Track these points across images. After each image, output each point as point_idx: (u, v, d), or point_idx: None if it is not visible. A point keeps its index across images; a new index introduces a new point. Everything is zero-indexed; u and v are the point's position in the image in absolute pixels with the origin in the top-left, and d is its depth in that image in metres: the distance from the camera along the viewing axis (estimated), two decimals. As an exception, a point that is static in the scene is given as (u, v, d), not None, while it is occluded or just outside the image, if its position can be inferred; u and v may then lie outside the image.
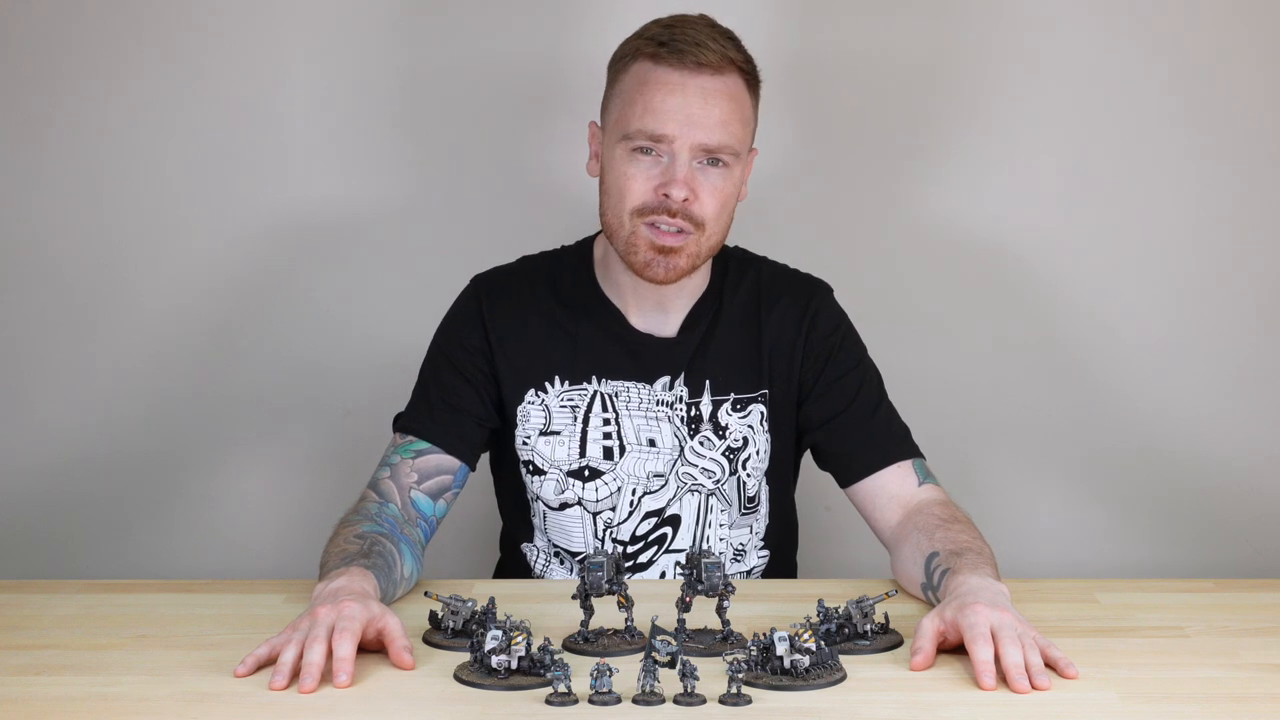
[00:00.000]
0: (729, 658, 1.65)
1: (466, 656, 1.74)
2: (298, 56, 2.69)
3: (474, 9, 2.68)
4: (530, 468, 2.18)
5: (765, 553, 2.24)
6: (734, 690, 1.64)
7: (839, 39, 2.68)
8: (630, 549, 2.18)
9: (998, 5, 2.68)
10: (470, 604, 1.84)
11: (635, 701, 1.64)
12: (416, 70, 2.69)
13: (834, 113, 2.71)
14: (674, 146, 2.04)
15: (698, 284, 2.19)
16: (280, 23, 2.68)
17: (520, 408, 2.17)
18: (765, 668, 1.70)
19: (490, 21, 2.68)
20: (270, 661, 1.73)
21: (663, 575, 2.18)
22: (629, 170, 2.07)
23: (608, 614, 1.84)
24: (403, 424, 2.17)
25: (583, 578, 1.79)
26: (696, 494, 2.18)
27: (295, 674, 1.70)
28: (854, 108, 2.71)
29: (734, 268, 2.22)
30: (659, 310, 2.17)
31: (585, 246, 2.24)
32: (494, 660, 1.69)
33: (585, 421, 2.16)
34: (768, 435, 2.19)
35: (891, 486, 2.14)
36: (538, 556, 2.22)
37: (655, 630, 1.64)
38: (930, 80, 2.69)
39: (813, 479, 2.31)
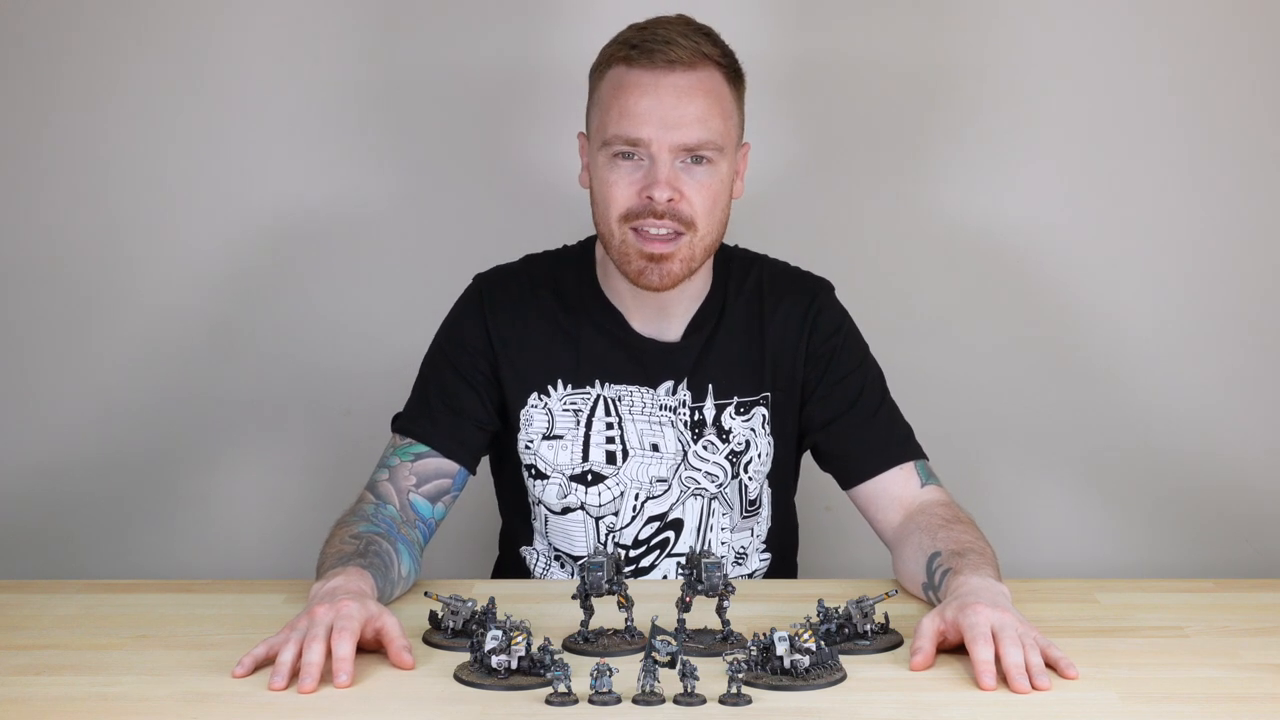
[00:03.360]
0: (729, 658, 1.65)
1: (466, 656, 1.74)
2: (297, 57, 2.69)
3: (474, 8, 2.68)
4: (532, 471, 2.18)
5: (767, 555, 2.24)
6: (734, 690, 1.64)
7: (839, 40, 2.69)
8: (632, 553, 2.17)
9: (999, 6, 2.68)
10: (470, 604, 1.84)
11: (635, 701, 1.64)
12: (416, 70, 2.69)
13: (834, 114, 2.71)
14: (652, 149, 2.03)
15: (700, 287, 2.18)
16: (280, 23, 2.69)
17: (523, 411, 2.17)
18: (765, 668, 1.69)
19: (491, 21, 2.68)
20: (268, 662, 1.73)
21: (665, 578, 2.18)
22: (611, 177, 2.06)
23: (608, 614, 1.84)
24: (401, 425, 2.16)
25: (583, 578, 1.79)
26: (699, 498, 2.18)
27: (294, 674, 1.70)
28: (855, 109, 2.71)
29: (736, 268, 2.22)
30: (660, 315, 2.17)
31: (588, 246, 2.23)
32: (494, 660, 1.69)
33: (588, 426, 2.16)
34: (770, 438, 2.19)
35: (894, 489, 2.14)
36: (537, 560, 2.22)
37: (655, 630, 1.64)
38: (929, 81, 2.69)
39: (813, 480, 2.31)
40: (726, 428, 2.17)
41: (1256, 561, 2.75)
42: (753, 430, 2.18)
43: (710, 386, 2.17)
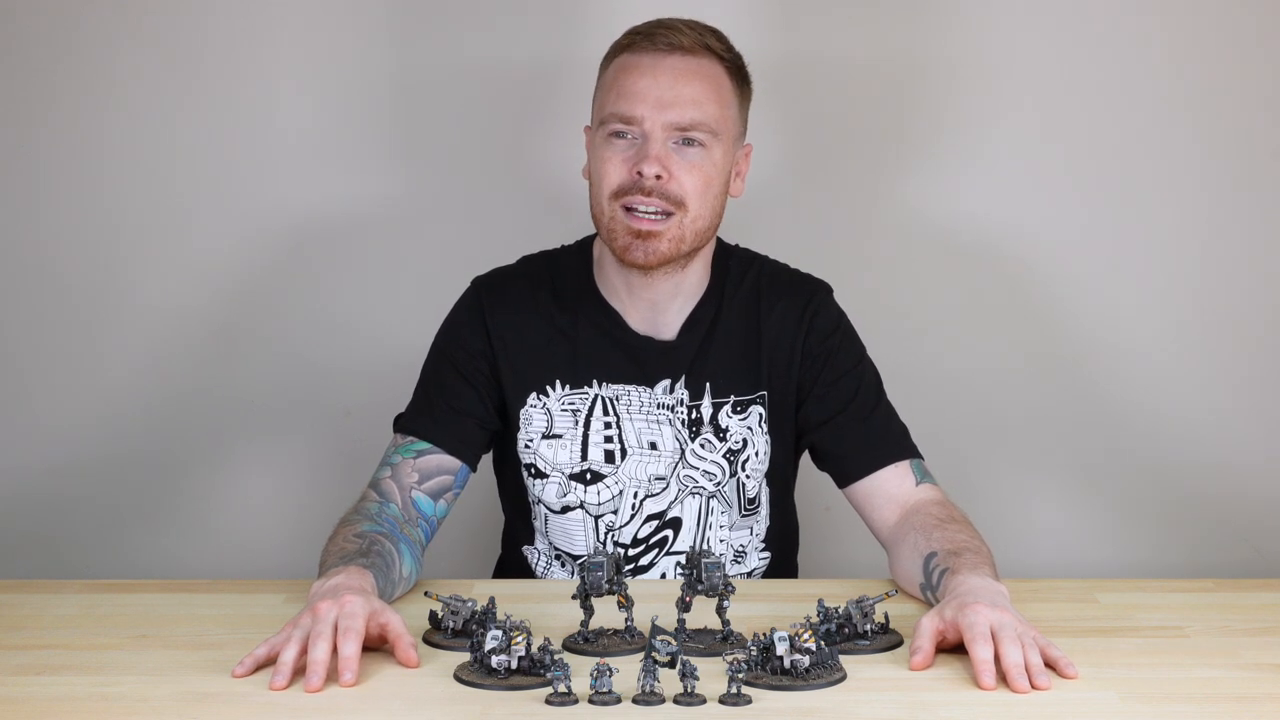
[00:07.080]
0: (729, 658, 1.65)
1: (466, 656, 1.74)
2: (299, 57, 2.69)
3: (475, 10, 2.68)
4: (532, 470, 2.18)
5: (766, 554, 2.24)
6: (734, 690, 1.64)
7: (828, 39, 2.68)
8: (631, 551, 2.18)
9: (997, 2, 2.68)
10: (470, 604, 1.84)
11: (635, 701, 1.64)
12: (417, 71, 2.69)
13: (834, 115, 2.71)
14: (645, 126, 2.05)
15: (696, 285, 2.18)
16: (281, 23, 2.69)
17: (522, 411, 2.17)
18: (765, 668, 1.70)
19: (491, 22, 2.68)
20: (270, 662, 1.73)
21: (663, 576, 2.18)
22: (605, 154, 2.08)
23: (608, 614, 1.84)
24: (403, 424, 2.17)
25: (583, 578, 1.79)
26: (697, 496, 2.18)
27: (295, 673, 1.69)
28: (855, 110, 2.71)
29: (735, 266, 2.22)
30: (656, 312, 2.17)
31: (585, 246, 2.24)
32: (494, 660, 1.69)
33: (587, 425, 2.16)
34: (767, 437, 2.19)
35: (889, 487, 2.14)
36: (539, 559, 2.22)
37: (655, 630, 1.64)
38: (930, 81, 2.69)
39: (812, 479, 2.31)
40: (723, 426, 2.17)
41: (1256, 562, 2.75)
42: (750, 429, 2.18)
43: (707, 385, 2.17)
